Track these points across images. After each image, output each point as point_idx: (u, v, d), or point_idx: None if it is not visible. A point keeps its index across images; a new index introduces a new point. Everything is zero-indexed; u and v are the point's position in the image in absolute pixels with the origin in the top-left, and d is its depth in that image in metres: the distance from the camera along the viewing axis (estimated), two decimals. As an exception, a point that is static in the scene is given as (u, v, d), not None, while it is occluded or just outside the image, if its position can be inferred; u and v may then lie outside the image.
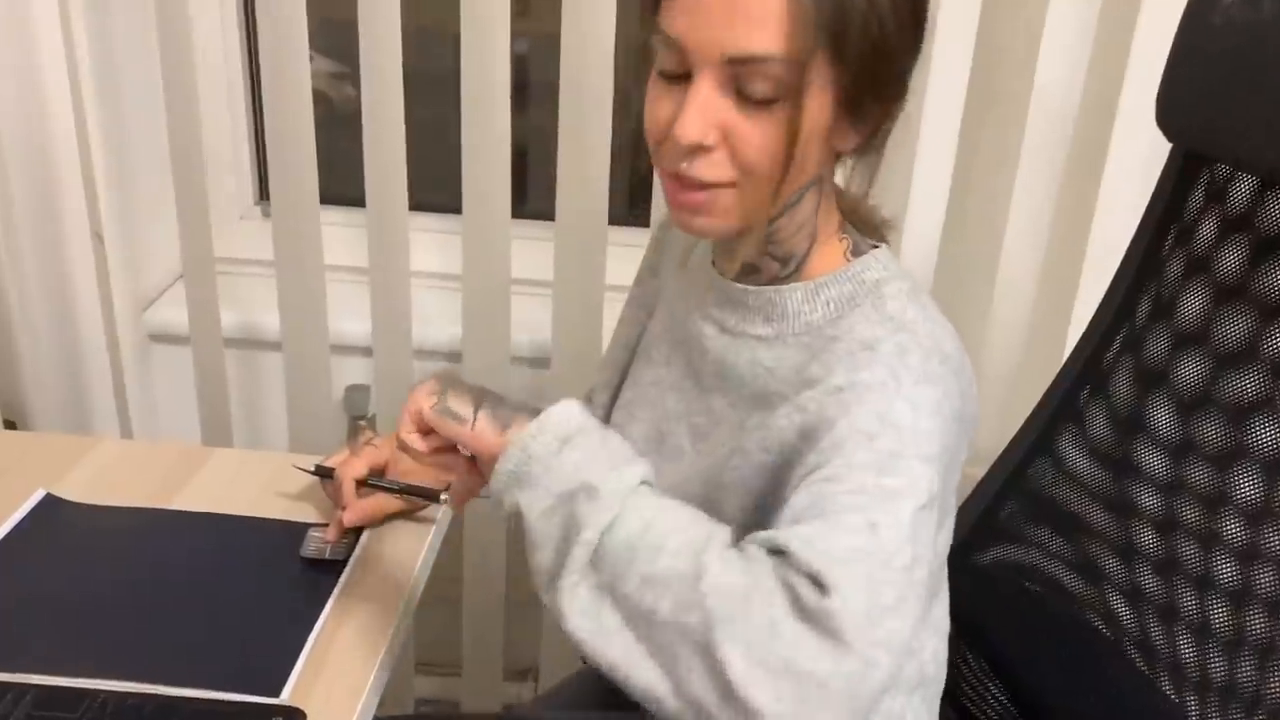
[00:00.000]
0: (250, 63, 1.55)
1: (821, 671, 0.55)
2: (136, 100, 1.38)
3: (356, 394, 1.49)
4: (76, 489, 0.96)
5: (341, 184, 1.43)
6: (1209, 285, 0.79)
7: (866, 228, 0.76)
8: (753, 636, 0.56)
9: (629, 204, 1.57)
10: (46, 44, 1.24)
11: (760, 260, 0.73)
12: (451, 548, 1.47)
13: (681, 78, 0.65)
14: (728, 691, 0.55)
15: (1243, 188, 0.78)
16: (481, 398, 0.69)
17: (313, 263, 1.32)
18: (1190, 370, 0.80)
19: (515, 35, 1.22)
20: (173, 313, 1.44)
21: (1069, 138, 1.22)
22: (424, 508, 0.94)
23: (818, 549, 0.57)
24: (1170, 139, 0.84)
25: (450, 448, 0.72)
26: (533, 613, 1.53)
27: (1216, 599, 0.78)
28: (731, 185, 0.66)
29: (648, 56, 0.69)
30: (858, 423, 0.62)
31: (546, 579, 0.63)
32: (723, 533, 0.62)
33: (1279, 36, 0.72)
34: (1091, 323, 0.90)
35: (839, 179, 0.74)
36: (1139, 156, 0.90)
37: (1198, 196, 0.82)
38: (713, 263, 0.77)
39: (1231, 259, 0.78)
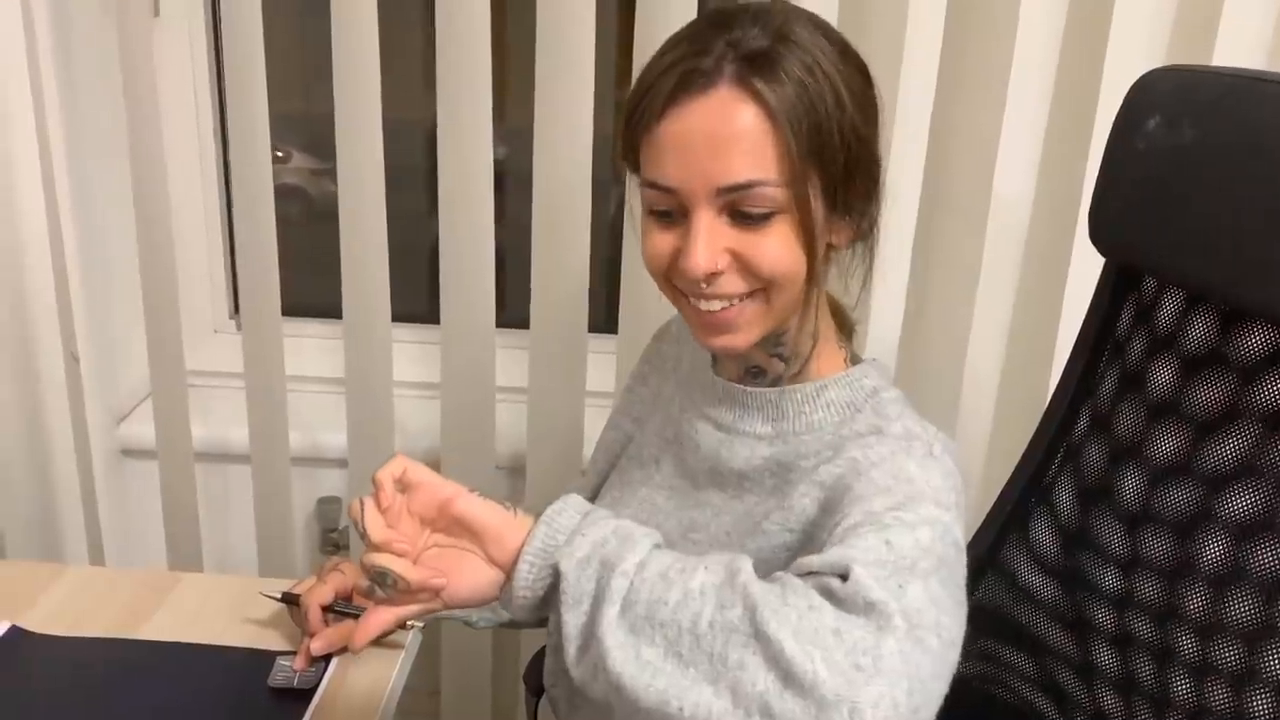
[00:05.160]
0: (225, 181, 1.58)
1: (868, 641, 0.54)
2: (110, 215, 1.41)
3: (328, 506, 1.49)
4: (44, 618, 0.96)
5: (325, 291, 1.41)
6: (1141, 397, 0.82)
7: (842, 328, 0.80)
8: (795, 619, 0.54)
9: (605, 312, 1.48)
10: (23, 166, 1.26)
11: (767, 362, 0.76)
12: (429, 660, 1.46)
13: (676, 213, 0.69)
14: (787, 672, 0.53)
15: (1171, 301, 0.81)
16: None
17: (277, 375, 1.34)
18: (1129, 485, 0.82)
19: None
20: (146, 427, 1.44)
21: (1025, 247, 1.24)
22: (392, 633, 0.94)
23: (838, 558, 0.58)
24: (1103, 254, 0.87)
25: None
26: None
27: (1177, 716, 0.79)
28: (754, 294, 0.69)
29: (620, 175, 0.71)
30: (874, 481, 0.66)
31: (582, 637, 0.59)
32: (747, 559, 0.60)
33: (1198, 160, 0.76)
34: (1035, 436, 0.92)
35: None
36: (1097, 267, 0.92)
37: (1130, 309, 0.86)
38: (713, 367, 0.79)
39: (1162, 372, 0.81)
